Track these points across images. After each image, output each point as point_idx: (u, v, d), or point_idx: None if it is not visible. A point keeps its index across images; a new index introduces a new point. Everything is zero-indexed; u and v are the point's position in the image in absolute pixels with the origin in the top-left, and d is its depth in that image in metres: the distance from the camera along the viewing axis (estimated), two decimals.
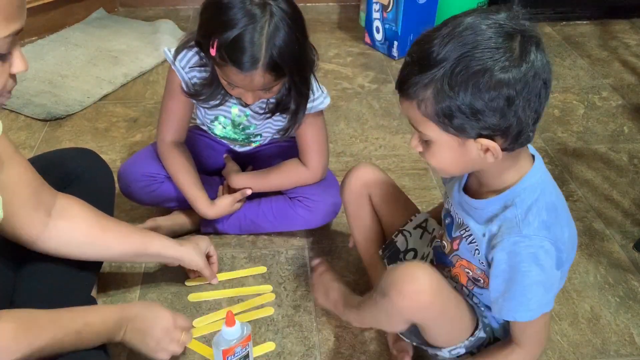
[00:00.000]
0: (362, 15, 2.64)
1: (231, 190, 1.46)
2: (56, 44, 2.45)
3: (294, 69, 1.19)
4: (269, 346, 1.24)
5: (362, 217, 1.26)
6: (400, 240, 1.22)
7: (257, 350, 1.23)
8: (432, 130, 0.86)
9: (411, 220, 1.23)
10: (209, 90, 1.30)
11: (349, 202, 1.26)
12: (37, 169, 1.18)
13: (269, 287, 1.38)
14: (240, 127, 1.40)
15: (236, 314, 1.30)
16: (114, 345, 1.23)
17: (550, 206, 0.92)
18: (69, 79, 2.21)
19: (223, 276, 1.39)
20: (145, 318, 1.05)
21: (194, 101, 1.35)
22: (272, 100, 1.30)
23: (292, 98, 1.28)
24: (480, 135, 0.84)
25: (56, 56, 2.36)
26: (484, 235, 0.94)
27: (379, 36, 2.46)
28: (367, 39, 2.54)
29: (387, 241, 1.24)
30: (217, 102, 1.32)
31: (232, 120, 1.38)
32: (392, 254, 1.23)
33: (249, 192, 1.43)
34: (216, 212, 1.41)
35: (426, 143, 0.90)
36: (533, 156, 0.95)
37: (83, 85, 2.17)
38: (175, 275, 1.40)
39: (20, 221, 0.99)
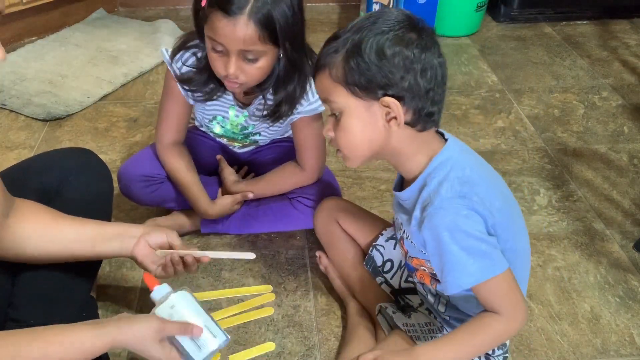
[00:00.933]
0: (362, 15, 2.64)
1: (230, 193, 1.46)
2: (56, 44, 2.45)
3: (283, 32, 1.12)
4: (269, 346, 1.24)
5: (335, 242, 1.33)
6: (376, 255, 1.26)
7: (257, 350, 1.23)
8: (341, 96, 0.92)
9: (382, 234, 1.27)
10: (199, 77, 1.27)
11: (321, 232, 1.35)
12: (34, 168, 1.18)
13: (269, 287, 1.38)
14: (239, 127, 1.40)
15: (236, 314, 1.30)
16: None
17: (464, 179, 0.93)
18: (69, 79, 2.21)
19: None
20: (137, 350, 0.95)
21: (186, 93, 1.33)
22: (269, 102, 1.29)
23: (286, 77, 1.23)
24: (385, 95, 0.90)
25: (56, 56, 2.36)
26: (413, 224, 0.97)
27: None
28: None
29: (366, 257, 1.28)
30: (209, 91, 1.30)
31: (229, 121, 1.38)
32: (374, 269, 1.27)
33: (250, 195, 1.43)
34: (217, 211, 1.41)
35: (336, 120, 0.95)
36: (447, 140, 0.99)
37: (83, 85, 2.17)
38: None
39: None
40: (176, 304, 0.97)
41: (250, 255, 1.11)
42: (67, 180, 1.17)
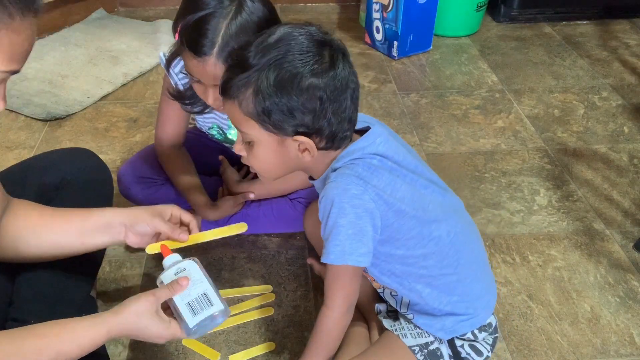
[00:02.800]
0: (362, 15, 2.64)
1: (232, 194, 1.46)
2: (56, 44, 2.45)
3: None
4: (269, 346, 1.24)
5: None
6: None
7: (257, 350, 1.23)
8: (253, 129, 0.92)
9: None
10: (191, 92, 1.27)
11: (311, 235, 1.35)
12: (34, 169, 1.18)
13: (269, 287, 1.38)
14: (237, 135, 1.39)
15: (236, 314, 1.30)
16: (114, 344, 1.23)
17: (368, 165, 0.94)
18: (69, 79, 2.21)
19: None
20: (136, 332, 0.93)
21: (183, 106, 1.33)
22: None
23: None
24: (297, 133, 0.90)
25: (56, 56, 2.36)
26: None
27: (379, 36, 2.46)
28: (367, 39, 2.54)
29: None
30: (200, 107, 1.30)
31: (228, 130, 1.38)
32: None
33: (251, 196, 1.43)
34: (218, 215, 1.41)
35: (249, 145, 0.95)
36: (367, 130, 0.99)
37: (83, 85, 2.17)
38: None
39: None
40: (180, 272, 0.97)
41: (242, 228, 1.10)
42: (66, 180, 1.18)
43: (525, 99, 2.15)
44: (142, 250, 1.46)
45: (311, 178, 1.05)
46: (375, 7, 2.41)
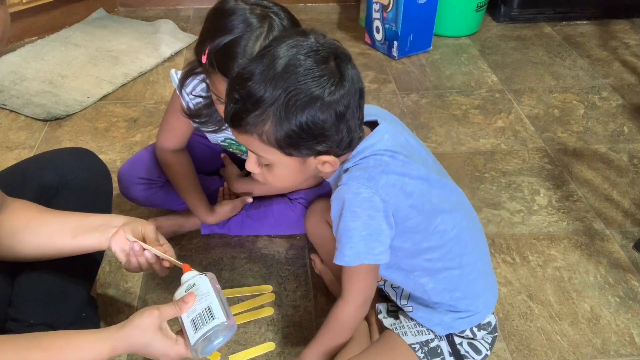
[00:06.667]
0: (362, 15, 2.64)
1: (232, 193, 1.46)
2: (56, 44, 2.45)
3: None
4: (269, 346, 1.24)
5: (326, 243, 1.32)
6: None
7: (257, 350, 1.23)
8: (274, 155, 0.91)
9: None
10: (207, 111, 1.27)
11: (312, 234, 1.36)
12: (34, 168, 1.18)
13: (269, 287, 1.38)
14: None
15: (236, 314, 1.30)
16: None
17: (378, 162, 0.94)
18: (69, 79, 2.21)
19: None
20: (140, 348, 0.91)
21: (195, 124, 1.33)
22: None
23: None
24: (320, 153, 0.91)
25: (56, 56, 2.36)
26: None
27: (379, 36, 2.46)
28: (367, 39, 2.54)
29: None
30: (220, 119, 1.28)
31: (238, 144, 1.37)
32: None
33: (249, 199, 1.43)
34: (216, 219, 1.41)
35: (267, 166, 0.94)
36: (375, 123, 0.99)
37: (83, 85, 2.17)
38: (176, 275, 1.40)
39: None
40: (190, 288, 0.94)
41: (180, 264, 1.01)
42: (66, 180, 1.18)
43: (525, 99, 2.15)
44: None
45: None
46: (375, 7, 2.41)
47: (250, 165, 0.96)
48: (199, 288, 0.93)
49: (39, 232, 1.01)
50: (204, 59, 1.11)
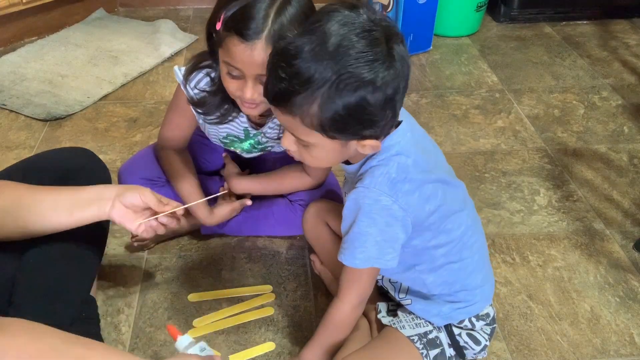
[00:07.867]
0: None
1: (232, 193, 1.45)
2: (56, 44, 2.45)
3: None
4: (269, 346, 1.24)
5: (325, 244, 1.32)
6: None
7: (257, 350, 1.23)
8: (316, 137, 0.88)
9: None
10: (213, 99, 1.26)
11: (311, 235, 1.36)
12: (34, 168, 1.18)
13: (269, 287, 1.38)
14: (251, 145, 1.39)
15: (236, 314, 1.30)
16: (114, 343, 1.23)
17: (402, 166, 0.93)
18: (69, 79, 2.21)
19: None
20: None
21: (199, 115, 1.32)
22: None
23: None
24: (364, 137, 0.89)
25: (56, 56, 2.36)
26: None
27: None
28: None
29: None
30: (224, 113, 1.28)
31: (243, 141, 1.37)
32: None
33: (248, 202, 1.42)
34: (215, 220, 1.41)
35: (305, 146, 0.92)
36: (400, 122, 0.98)
37: (83, 85, 2.17)
38: (176, 275, 1.40)
39: None
40: (203, 350, 0.97)
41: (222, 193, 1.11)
42: (66, 180, 1.17)
43: (525, 99, 2.15)
44: (142, 250, 1.47)
45: (346, 162, 1.02)
46: (375, 7, 2.41)
47: (287, 142, 0.93)
48: (209, 352, 0.97)
49: (33, 210, 1.02)
50: (218, 26, 1.10)
